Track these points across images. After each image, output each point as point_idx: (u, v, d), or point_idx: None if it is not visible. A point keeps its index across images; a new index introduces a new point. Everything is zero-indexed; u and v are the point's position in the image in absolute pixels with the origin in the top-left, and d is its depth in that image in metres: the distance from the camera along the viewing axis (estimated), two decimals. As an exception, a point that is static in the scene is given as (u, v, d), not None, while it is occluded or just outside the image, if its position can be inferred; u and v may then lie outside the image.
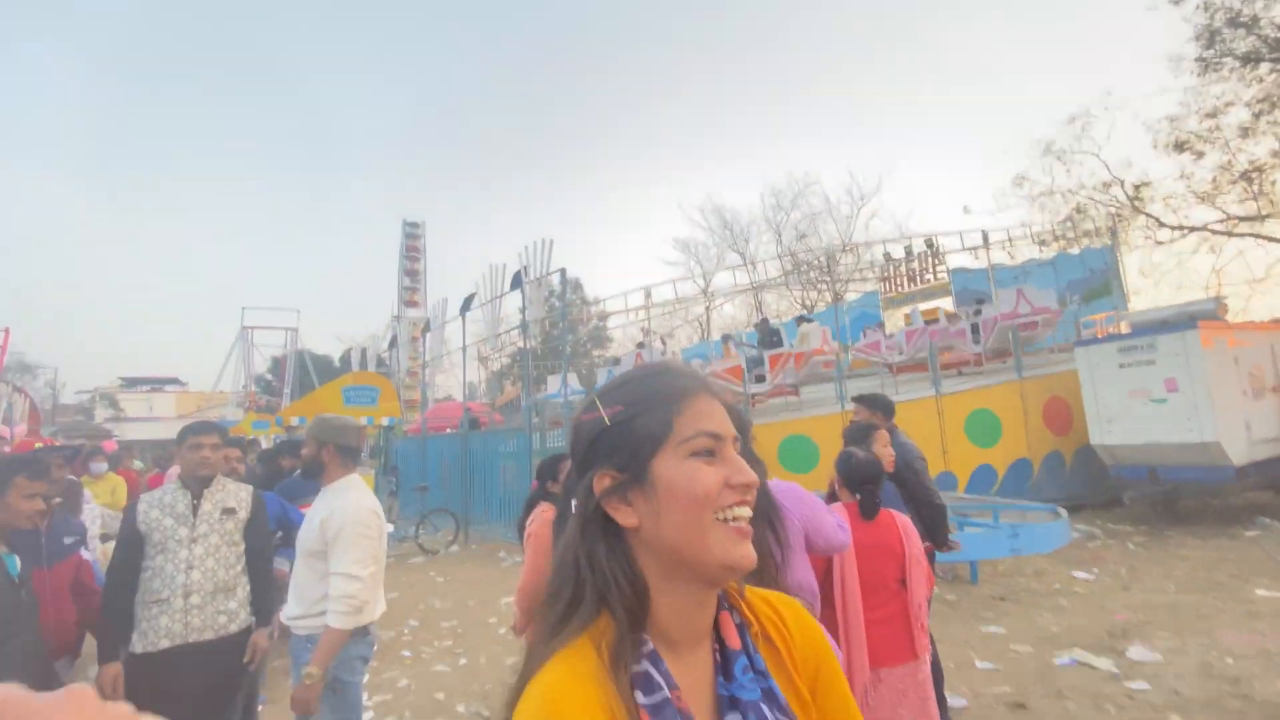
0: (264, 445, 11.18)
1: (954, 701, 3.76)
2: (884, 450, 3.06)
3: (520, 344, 18.68)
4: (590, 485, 0.70)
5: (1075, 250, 17.70)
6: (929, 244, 18.07)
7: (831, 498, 2.68)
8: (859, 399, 4.33)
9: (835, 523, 2.03)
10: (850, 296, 24.63)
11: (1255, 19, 15.91)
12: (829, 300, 25.28)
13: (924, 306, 16.05)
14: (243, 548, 2.81)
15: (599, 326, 33.61)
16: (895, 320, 19.44)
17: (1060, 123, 19.96)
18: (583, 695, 0.60)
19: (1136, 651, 4.56)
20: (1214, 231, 17.40)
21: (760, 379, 11.17)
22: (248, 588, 2.79)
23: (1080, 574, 6.64)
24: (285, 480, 5.10)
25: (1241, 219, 17.01)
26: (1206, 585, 6.01)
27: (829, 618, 2.27)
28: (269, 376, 38.39)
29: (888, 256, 21.94)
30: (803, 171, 65.62)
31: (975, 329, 12.22)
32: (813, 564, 2.43)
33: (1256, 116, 16.42)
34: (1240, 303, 17.74)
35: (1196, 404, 7.63)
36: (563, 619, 0.68)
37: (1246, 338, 8.42)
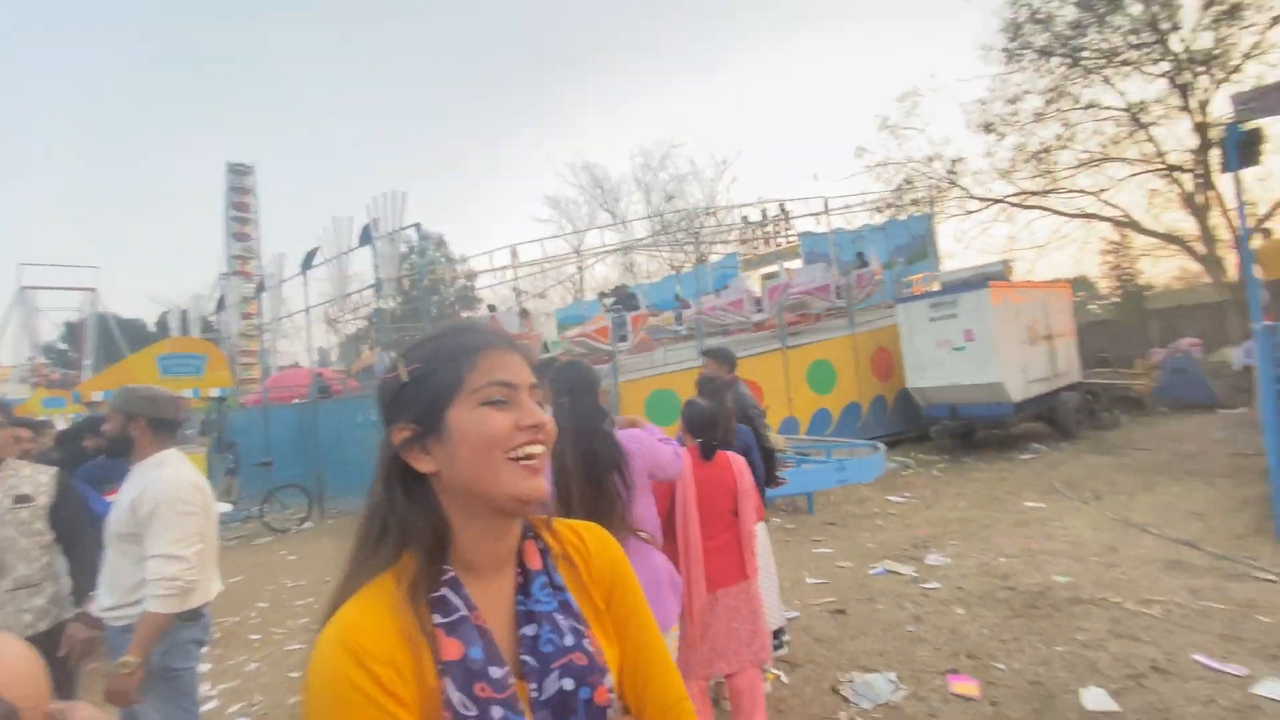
0: (61, 426, 9.57)
1: (787, 613, 4.29)
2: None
3: (375, 305, 17.45)
4: (390, 438, 0.75)
5: (903, 217, 19.85)
6: (781, 209, 19.28)
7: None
8: (707, 352, 4.64)
9: (671, 453, 2.23)
10: (714, 257, 25.74)
11: (1051, 16, 18.41)
12: (694, 261, 26.26)
13: (767, 270, 17.23)
14: (49, 538, 2.53)
15: (467, 286, 32.27)
16: (752, 280, 20.69)
17: (894, 99, 21.96)
18: (378, 623, 0.66)
19: (932, 558, 5.46)
20: (1010, 204, 20.28)
21: (624, 339, 11.52)
22: (61, 582, 2.53)
23: (894, 498, 7.75)
24: (88, 464, 4.46)
25: (1031, 193, 19.98)
26: (989, 501, 7.28)
27: (671, 549, 2.50)
28: (62, 345, 32.57)
29: (745, 220, 23.17)
30: (670, 134, 66.53)
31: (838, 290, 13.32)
32: (659, 501, 2.65)
33: (1047, 104, 19.18)
34: (1028, 265, 21.07)
35: (986, 351, 9.08)
36: (367, 560, 0.73)
37: (1026, 295, 10.10)
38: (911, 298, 10.64)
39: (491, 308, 15.85)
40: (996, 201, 20.45)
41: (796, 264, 18.59)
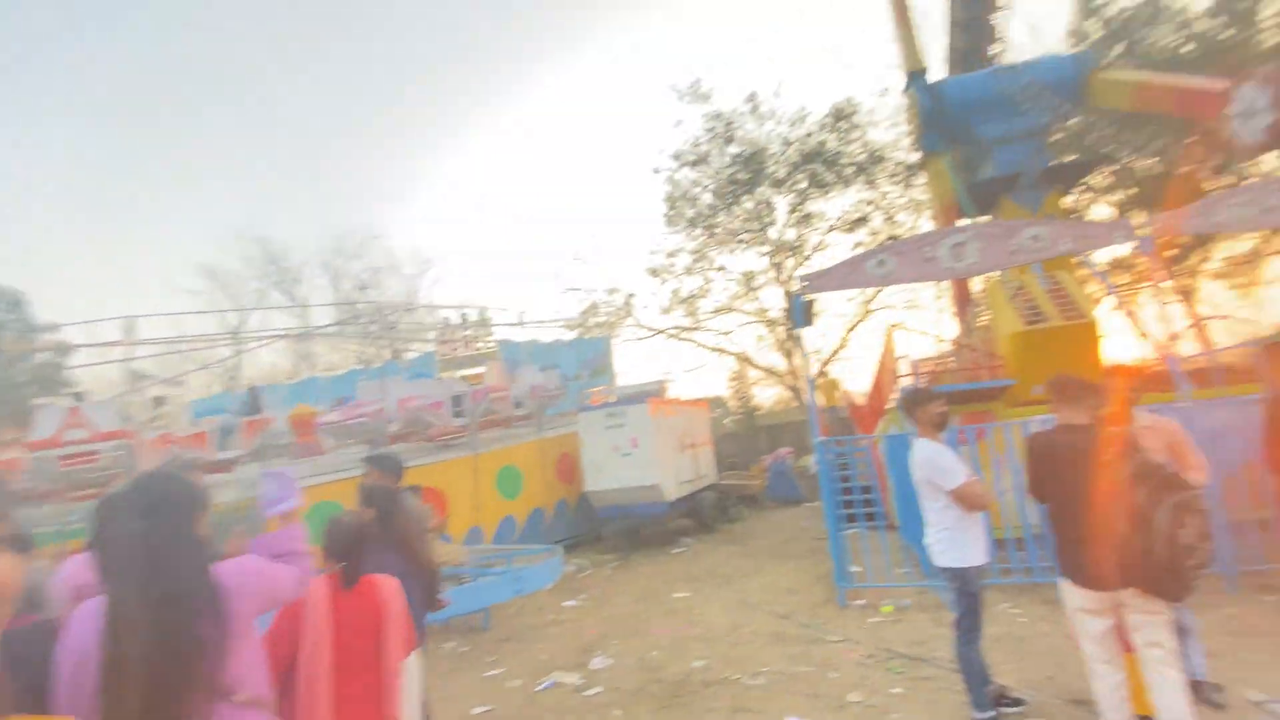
0: None
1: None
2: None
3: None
4: None
5: (590, 336, 22.23)
6: (482, 314, 19.73)
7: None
8: (370, 459, 4.26)
9: (292, 577, 1.89)
10: (410, 355, 24.59)
11: (696, 198, 23.83)
12: (387, 356, 24.67)
13: (471, 371, 17.26)
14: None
15: (53, 363, 24.16)
16: (452, 381, 20.21)
17: (585, 237, 25.19)
18: None
19: (597, 661, 5.65)
20: (669, 335, 24.57)
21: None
22: None
23: (569, 602, 7.95)
24: None
25: (683, 329, 24.60)
26: (649, 595, 7.98)
27: (287, 709, 2.06)
28: None
29: (446, 321, 22.96)
30: (369, 221, 63.58)
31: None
32: (279, 645, 2.19)
33: (694, 262, 24.31)
34: (681, 386, 25.40)
35: (647, 456, 10.38)
36: None
37: (676, 410, 12.03)
38: (590, 408, 11.68)
39: (77, 396, 12.10)
40: (659, 332, 24.54)
41: (494, 369, 18.96)
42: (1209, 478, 3.46)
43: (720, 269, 24.24)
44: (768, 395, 29.27)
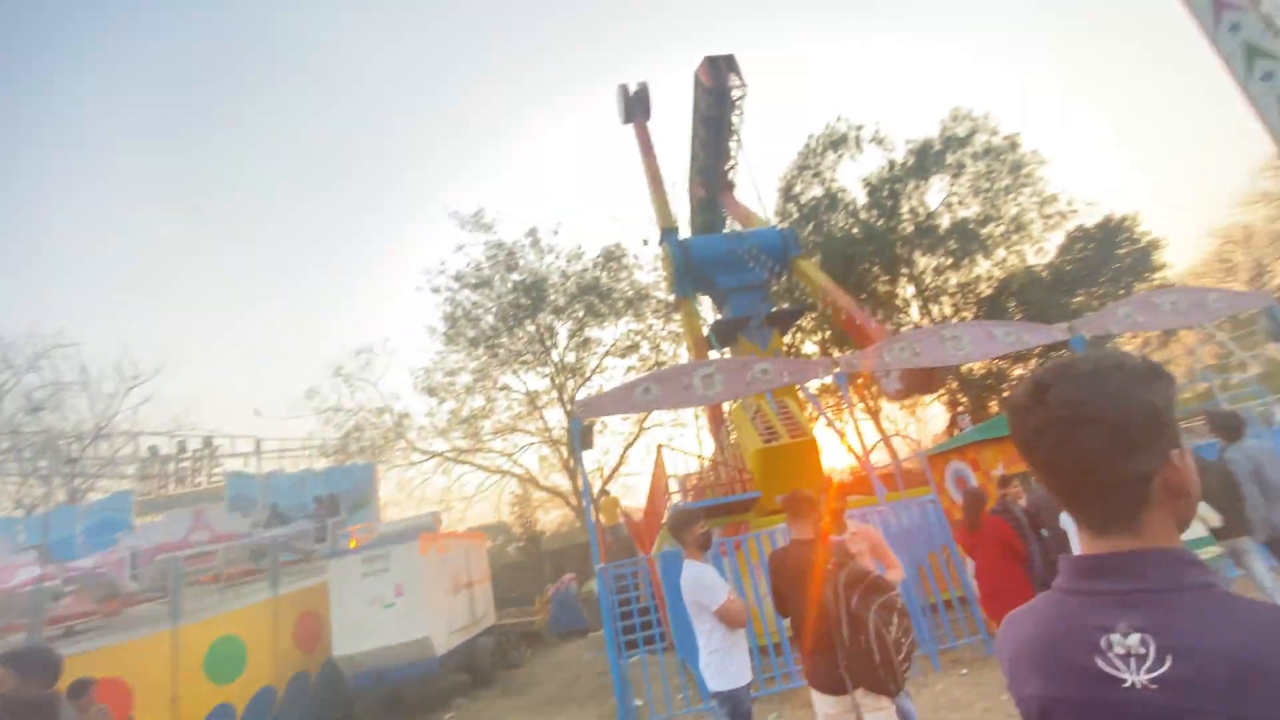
0: None
1: None
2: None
3: None
4: None
5: (350, 463, 19.79)
6: (206, 443, 16.47)
7: None
8: (4, 659, 3.09)
9: None
10: (95, 496, 19.13)
11: (479, 318, 23.77)
12: (62, 497, 18.87)
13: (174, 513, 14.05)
14: None
15: None
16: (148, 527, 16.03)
17: (350, 352, 23.20)
18: None
19: None
20: (446, 458, 23.06)
21: None
22: None
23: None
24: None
25: (463, 451, 23.32)
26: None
27: None
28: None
29: (154, 451, 18.67)
30: (53, 328, 50.80)
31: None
32: None
33: (475, 381, 23.73)
34: (458, 515, 23.58)
35: (414, 604, 9.16)
36: None
37: (451, 545, 11.02)
38: (344, 552, 10.12)
39: None
40: (435, 456, 22.94)
41: (219, 508, 15.56)
42: (904, 572, 4.17)
43: (504, 388, 24.06)
44: (552, 518, 28.68)
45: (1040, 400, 0.93)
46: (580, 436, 7.70)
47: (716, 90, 14.47)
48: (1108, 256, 23.07)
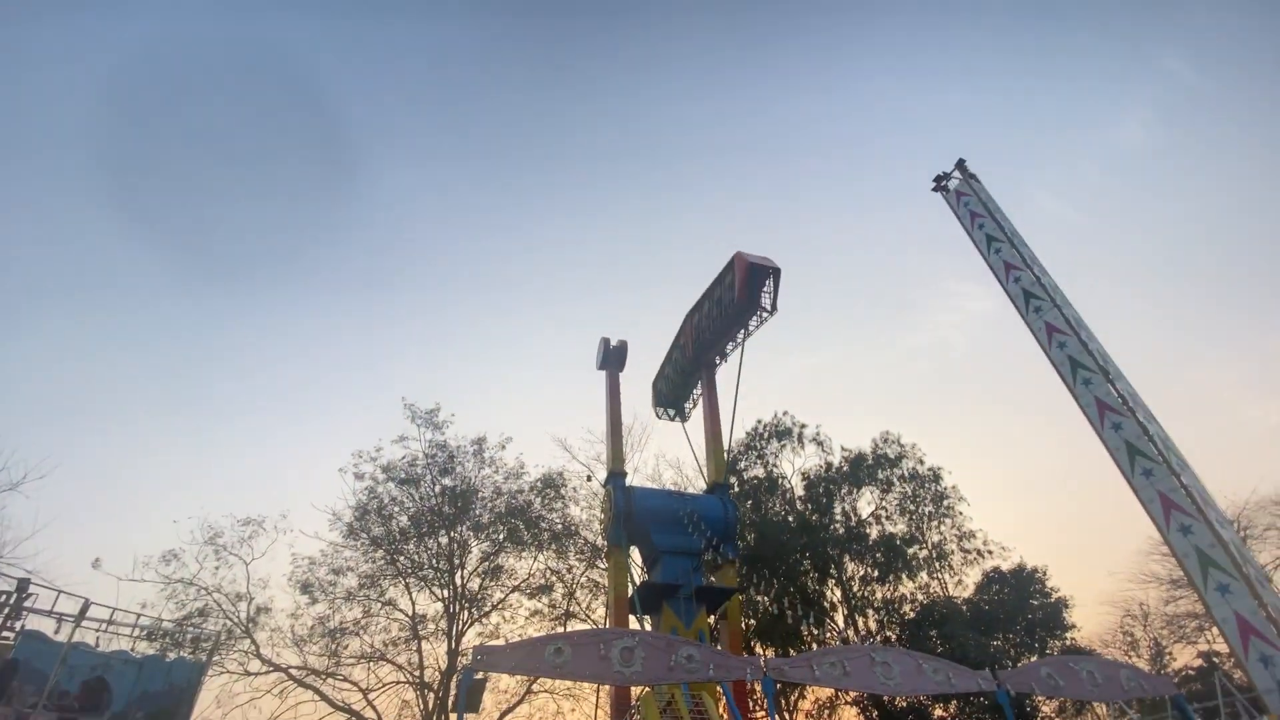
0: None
1: None
2: None
3: None
4: None
5: (171, 656, 16.26)
6: (19, 587, 13.58)
7: None
8: None
9: None
10: None
11: (392, 516, 22.05)
12: None
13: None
14: None
15: None
16: None
17: (232, 519, 20.74)
18: None
19: None
20: (291, 676, 19.17)
21: None
22: None
23: None
24: None
25: (313, 671, 19.55)
26: None
27: None
28: None
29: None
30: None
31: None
32: None
33: (360, 587, 21.03)
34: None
35: None
36: None
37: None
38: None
39: None
40: (279, 669, 19.14)
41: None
42: None
43: (388, 603, 21.22)
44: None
45: None
46: (468, 694, 6.65)
47: (749, 291, 14.19)
48: (1022, 604, 23.74)
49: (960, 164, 22.15)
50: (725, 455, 15.79)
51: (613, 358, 18.42)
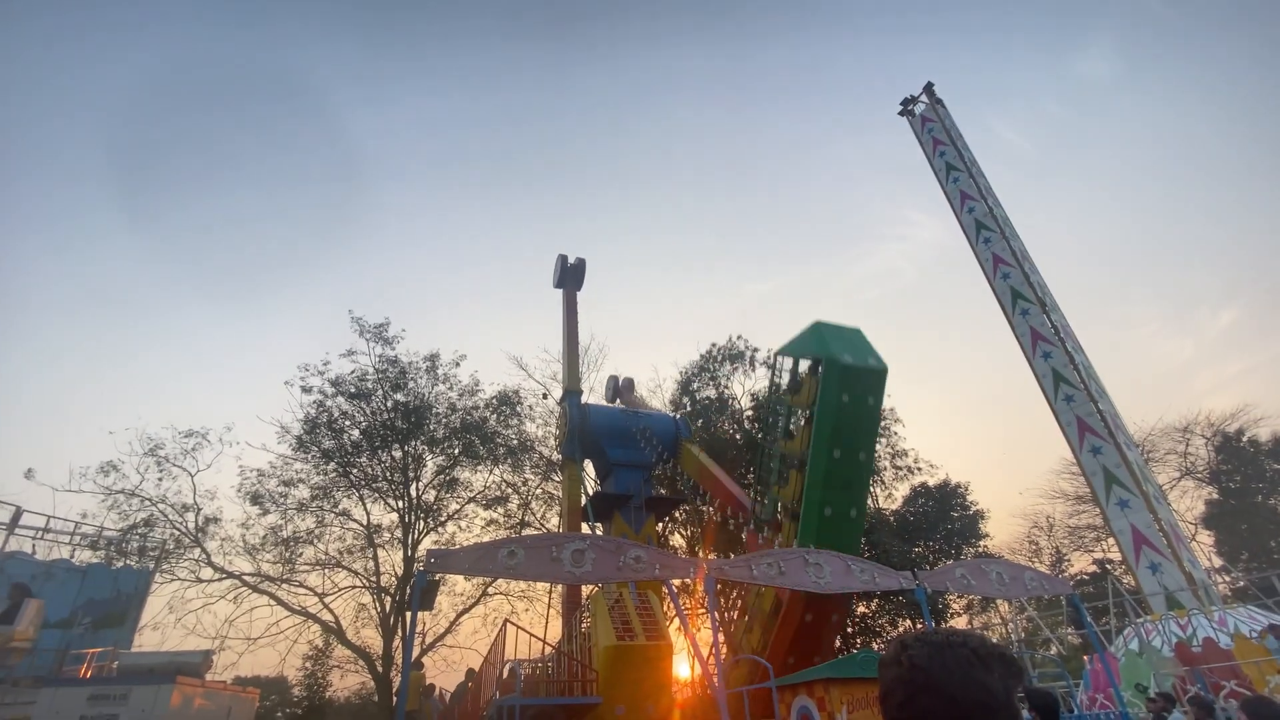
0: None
1: None
2: None
3: None
4: None
5: (118, 564, 16.13)
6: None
7: None
8: None
9: None
10: None
11: (343, 430, 21.78)
12: None
13: None
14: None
15: None
16: None
17: (173, 430, 20.11)
18: None
19: None
20: (245, 582, 19.38)
21: None
22: None
23: None
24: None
25: (267, 578, 19.79)
26: None
27: None
28: None
29: None
30: None
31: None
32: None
33: (313, 498, 21.02)
34: (234, 656, 19.19)
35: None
36: None
37: (213, 697, 8.83)
38: (65, 681, 7.81)
39: None
40: (232, 576, 19.31)
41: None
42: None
43: (343, 513, 21.39)
44: (348, 683, 24.10)
45: (897, 659, 1.07)
46: (421, 594, 6.85)
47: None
48: (944, 515, 25.80)
49: (928, 88, 21.78)
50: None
51: (570, 275, 18.08)
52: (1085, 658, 15.37)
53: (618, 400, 17.78)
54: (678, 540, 24.28)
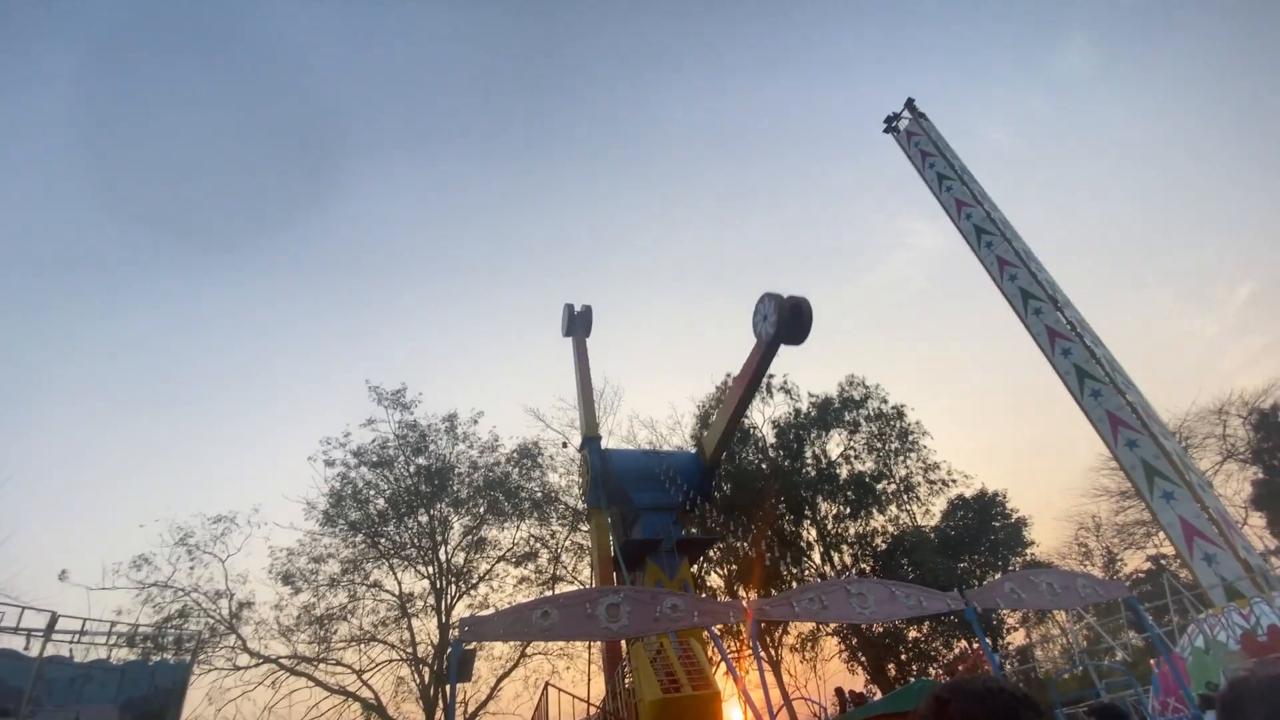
0: None
1: None
2: None
3: None
4: None
5: (155, 659, 16.02)
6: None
7: None
8: None
9: None
10: None
11: (368, 500, 21.83)
12: None
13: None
14: None
15: None
16: None
17: (202, 517, 20.25)
18: None
19: None
20: (282, 665, 19.15)
21: None
22: None
23: None
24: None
25: (304, 659, 19.56)
26: None
27: None
28: None
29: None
30: None
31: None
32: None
33: (343, 572, 20.91)
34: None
35: None
36: None
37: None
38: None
39: None
40: (269, 660, 19.08)
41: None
42: None
43: (374, 585, 21.19)
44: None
45: (942, 714, 1.08)
46: (459, 664, 6.72)
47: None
48: (985, 527, 25.02)
49: (909, 103, 22.17)
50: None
51: (578, 323, 18.25)
52: (1151, 661, 14.62)
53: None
54: (715, 580, 23.72)
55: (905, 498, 24.38)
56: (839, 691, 18.11)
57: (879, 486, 24.22)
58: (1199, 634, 12.01)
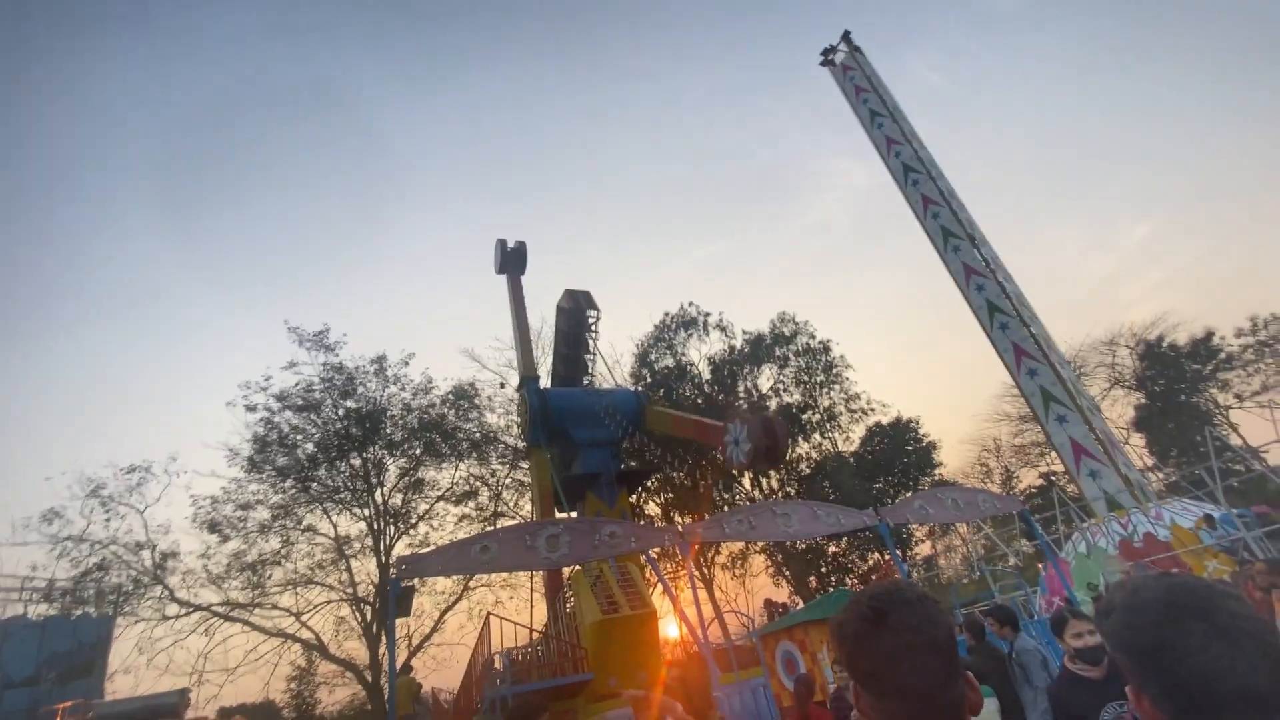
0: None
1: None
2: None
3: None
4: None
5: (76, 613, 15.36)
6: None
7: None
8: None
9: None
10: None
11: (296, 445, 21.05)
12: None
13: None
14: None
15: None
16: None
17: (119, 468, 19.07)
18: None
19: None
20: (215, 613, 18.76)
21: None
22: None
23: None
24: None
25: (238, 605, 19.21)
26: None
27: None
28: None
29: None
30: None
31: None
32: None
33: (274, 518, 20.36)
34: (214, 690, 18.61)
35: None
36: None
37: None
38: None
39: None
40: (200, 609, 18.65)
41: None
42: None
43: (308, 530, 20.82)
44: (337, 697, 23.79)
45: (881, 625, 1.01)
46: (397, 601, 6.79)
47: (574, 313, 15.81)
48: (899, 451, 26.99)
49: (846, 36, 21.96)
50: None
51: (512, 260, 17.73)
52: (1040, 566, 16.54)
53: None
54: (653, 508, 24.68)
55: (828, 426, 25.87)
56: (767, 603, 19.58)
57: (804, 416, 25.53)
58: (1082, 541, 13.58)
